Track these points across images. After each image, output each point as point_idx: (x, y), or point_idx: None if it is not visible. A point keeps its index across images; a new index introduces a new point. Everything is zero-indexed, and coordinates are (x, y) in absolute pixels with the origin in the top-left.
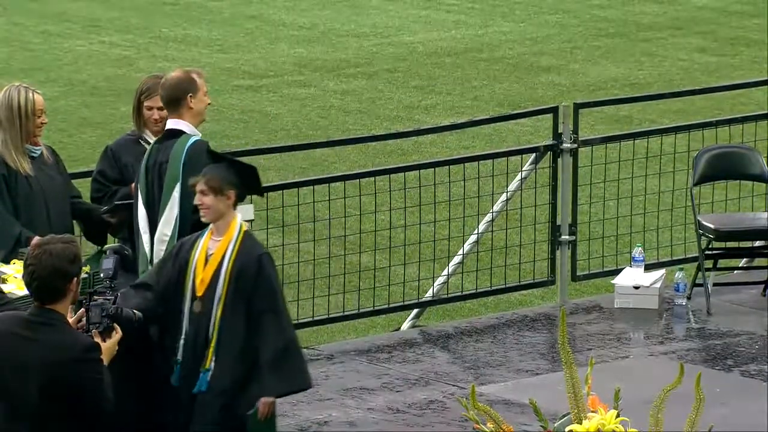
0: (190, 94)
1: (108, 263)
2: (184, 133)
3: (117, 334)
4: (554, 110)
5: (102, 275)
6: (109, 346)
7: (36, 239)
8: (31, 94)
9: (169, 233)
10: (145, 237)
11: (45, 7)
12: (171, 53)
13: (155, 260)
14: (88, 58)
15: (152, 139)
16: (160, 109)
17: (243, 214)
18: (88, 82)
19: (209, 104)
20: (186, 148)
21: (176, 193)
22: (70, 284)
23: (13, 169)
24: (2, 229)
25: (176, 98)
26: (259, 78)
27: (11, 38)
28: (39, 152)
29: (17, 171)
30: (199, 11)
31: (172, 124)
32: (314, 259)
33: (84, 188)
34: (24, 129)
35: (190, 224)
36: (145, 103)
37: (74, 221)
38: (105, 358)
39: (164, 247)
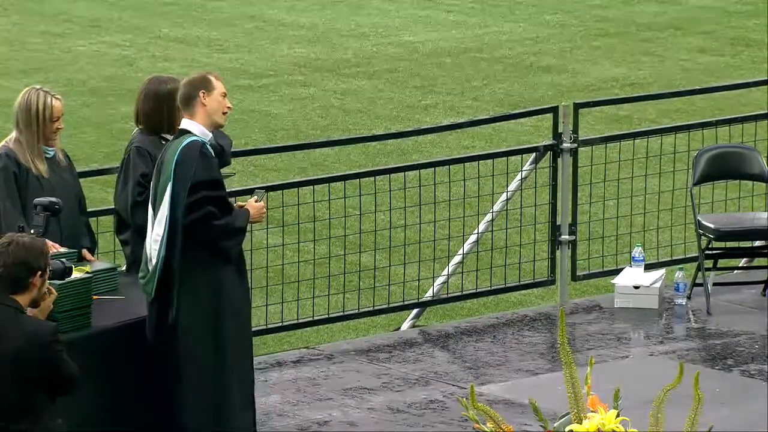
0: (203, 91)
1: (38, 220)
2: (190, 133)
3: (52, 295)
4: (554, 110)
5: (33, 232)
6: (43, 308)
7: (8, 234)
8: (50, 100)
9: (161, 233)
10: (148, 236)
11: (45, 7)
12: (171, 53)
13: (149, 258)
14: (88, 58)
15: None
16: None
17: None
18: (88, 82)
19: (229, 108)
20: (180, 148)
21: (168, 193)
22: (34, 278)
23: (24, 167)
24: (9, 228)
25: (189, 95)
26: (259, 78)
27: (11, 38)
28: (53, 153)
29: (29, 170)
30: (199, 11)
31: (183, 123)
32: (314, 259)
33: (84, 188)
34: (39, 133)
35: (181, 226)
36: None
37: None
38: (41, 317)
39: (157, 247)
